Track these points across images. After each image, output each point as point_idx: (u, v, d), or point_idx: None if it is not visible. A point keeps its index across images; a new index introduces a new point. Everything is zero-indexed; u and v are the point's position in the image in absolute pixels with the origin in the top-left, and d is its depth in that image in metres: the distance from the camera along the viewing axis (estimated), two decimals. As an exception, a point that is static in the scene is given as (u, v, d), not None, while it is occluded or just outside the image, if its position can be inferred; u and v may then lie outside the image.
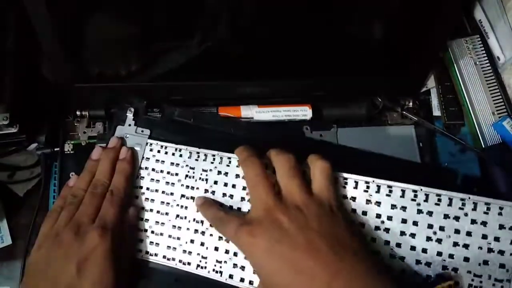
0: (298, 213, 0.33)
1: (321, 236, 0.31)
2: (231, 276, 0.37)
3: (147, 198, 0.40)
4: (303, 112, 0.46)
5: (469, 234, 0.35)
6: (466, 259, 0.35)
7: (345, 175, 0.37)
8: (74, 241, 0.34)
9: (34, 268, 0.34)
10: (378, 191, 0.36)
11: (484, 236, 0.35)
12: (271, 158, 0.37)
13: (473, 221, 0.35)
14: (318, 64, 0.44)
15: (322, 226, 0.32)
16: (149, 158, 0.41)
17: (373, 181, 0.37)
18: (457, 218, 0.35)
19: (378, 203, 0.36)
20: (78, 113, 0.45)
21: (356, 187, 0.37)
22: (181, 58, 0.42)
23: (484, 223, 0.35)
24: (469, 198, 0.35)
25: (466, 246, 0.35)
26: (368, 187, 0.37)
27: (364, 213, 0.36)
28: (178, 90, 0.45)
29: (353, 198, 0.37)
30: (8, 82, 0.41)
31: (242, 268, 0.37)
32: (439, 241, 0.35)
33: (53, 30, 0.38)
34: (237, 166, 0.40)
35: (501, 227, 0.34)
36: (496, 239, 0.34)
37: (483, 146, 0.46)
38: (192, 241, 0.38)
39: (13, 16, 0.44)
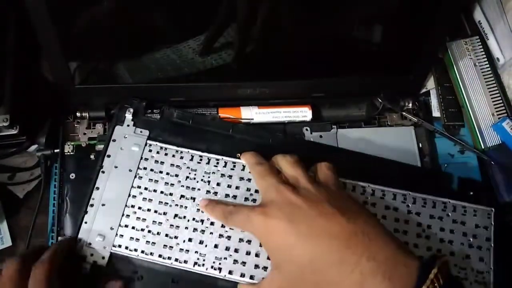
0: (308, 191, 0.35)
1: (332, 207, 0.33)
2: (230, 272, 0.37)
3: (145, 198, 0.40)
4: (303, 113, 0.46)
5: (452, 232, 0.40)
6: (452, 254, 0.39)
7: (344, 180, 0.40)
8: None
9: None
10: (373, 194, 0.40)
11: (464, 234, 0.40)
12: (276, 161, 0.39)
13: (454, 221, 0.40)
14: (318, 65, 0.44)
15: (332, 200, 0.34)
16: (147, 159, 0.41)
17: (368, 186, 0.40)
18: (441, 218, 0.40)
19: (373, 204, 0.40)
20: (78, 114, 0.45)
21: (354, 190, 0.40)
22: (181, 59, 0.42)
23: (463, 223, 0.40)
24: (449, 202, 0.40)
25: (450, 242, 0.39)
26: (364, 190, 0.40)
27: None
28: (178, 91, 0.45)
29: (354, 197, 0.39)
30: (8, 84, 0.41)
31: (243, 263, 0.37)
32: (427, 237, 0.39)
33: (53, 31, 0.37)
34: (242, 170, 0.40)
35: (477, 226, 0.40)
36: (474, 236, 0.40)
37: (483, 147, 0.46)
38: (190, 240, 0.38)
39: (13, 16, 0.44)
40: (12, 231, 0.43)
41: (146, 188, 0.40)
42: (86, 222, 0.38)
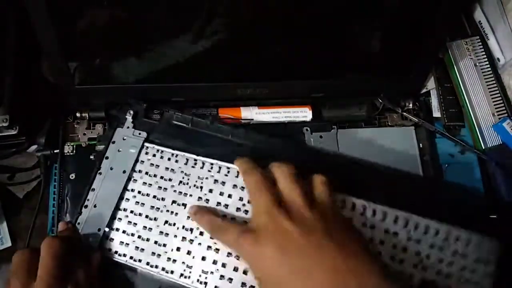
0: (302, 217, 0.33)
1: (327, 238, 0.32)
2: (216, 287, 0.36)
3: (138, 202, 0.39)
4: (303, 114, 0.46)
5: (450, 264, 0.36)
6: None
7: (343, 196, 0.37)
8: None
9: None
10: (373, 215, 0.37)
11: (463, 268, 0.36)
12: (272, 169, 0.37)
13: (455, 253, 0.37)
14: (318, 65, 0.44)
15: (327, 230, 0.32)
16: (143, 161, 0.41)
17: (369, 206, 0.37)
18: (441, 248, 0.37)
19: (372, 227, 0.37)
20: (78, 114, 0.45)
21: (353, 209, 0.37)
22: (181, 59, 0.42)
23: (464, 256, 0.37)
24: (453, 230, 0.37)
25: (448, 276, 0.36)
26: (364, 210, 0.37)
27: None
28: (178, 92, 0.45)
29: (350, 220, 0.37)
30: (8, 84, 0.41)
31: (230, 280, 0.36)
32: (424, 268, 0.36)
33: (53, 31, 0.37)
34: (236, 177, 0.39)
35: (478, 260, 0.36)
36: (473, 271, 0.36)
37: (483, 147, 0.46)
38: (178, 249, 0.37)
39: (13, 16, 0.44)
40: (12, 231, 0.43)
41: (139, 192, 0.40)
42: (79, 223, 0.39)
